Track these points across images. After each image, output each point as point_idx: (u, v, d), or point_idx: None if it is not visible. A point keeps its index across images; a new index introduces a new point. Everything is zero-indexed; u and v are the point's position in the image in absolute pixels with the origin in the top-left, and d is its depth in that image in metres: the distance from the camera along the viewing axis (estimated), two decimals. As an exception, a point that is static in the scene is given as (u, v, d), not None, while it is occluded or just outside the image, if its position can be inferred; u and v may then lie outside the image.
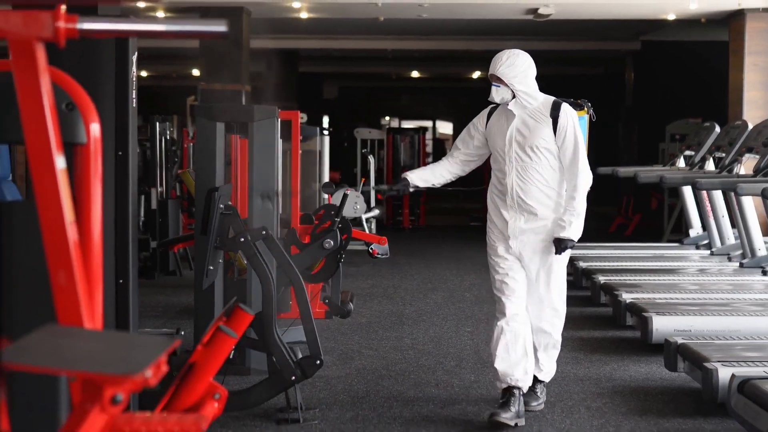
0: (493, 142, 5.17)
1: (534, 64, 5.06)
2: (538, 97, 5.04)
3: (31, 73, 2.18)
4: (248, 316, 3.60)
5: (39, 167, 2.23)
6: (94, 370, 1.88)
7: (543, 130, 4.99)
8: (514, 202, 5.08)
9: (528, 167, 5.04)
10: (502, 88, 4.99)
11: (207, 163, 5.76)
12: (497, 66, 4.98)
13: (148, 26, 2.35)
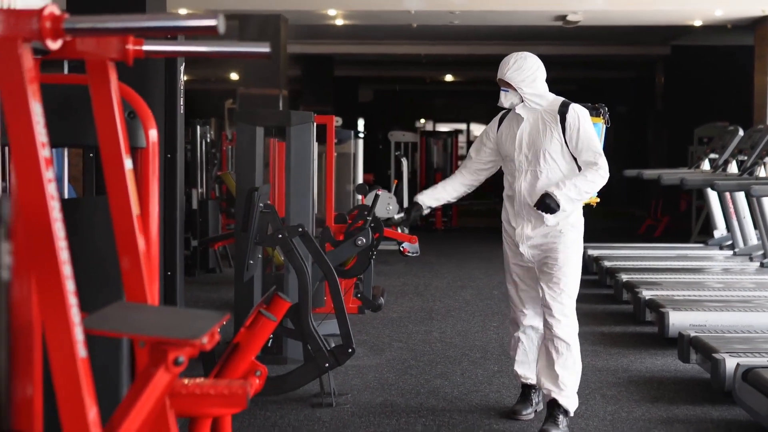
0: (503, 147, 5.06)
1: (543, 66, 4.94)
2: (548, 98, 4.93)
3: (105, 88, 2.58)
4: (286, 303, 3.99)
5: (111, 168, 2.62)
6: (161, 335, 2.27)
7: (553, 132, 4.86)
8: (522, 209, 4.96)
9: (537, 172, 4.90)
10: (511, 92, 4.90)
11: (247, 164, 6.16)
12: (504, 70, 4.89)
13: (201, 48, 2.75)
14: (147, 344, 2.33)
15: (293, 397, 5.58)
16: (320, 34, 15.24)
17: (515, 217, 5.01)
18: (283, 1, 11.72)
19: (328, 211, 8.27)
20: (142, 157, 3.18)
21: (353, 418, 5.26)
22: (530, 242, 4.98)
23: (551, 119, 4.87)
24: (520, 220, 4.99)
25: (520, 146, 4.94)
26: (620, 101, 22.23)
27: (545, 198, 4.76)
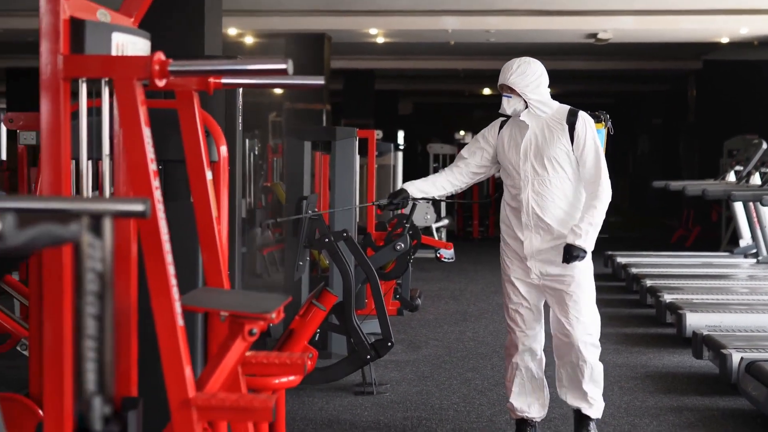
0: (505, 156, 4.83)
1: (546, 73, 4.75)
2: (552, 105, 4.75)
3: (190, 113, 3.19)
4: (333, 297, 4.59)
5: (195, 178, 3.23)
6: (239, 310, 2.88)
7: (560, 140, 4.68)
8: (530, 220, 4.75)
9: (545, 181, 4.71)
10: (514, 98, 4.70)
11: (296, 176, 6.78)
12: (507, 75, 4.69)
13: (267, 80, 3.36)
14: (227, 318, 2.94)
15: (338, 386, 6.17)
16: (362, 51, 15.88)
17: (522, 229, 4.78)
18: (327, 21, 12.37)
19: (369, 219, 8.86)
20: (215, 169, 3.80)
21: (391, 404, 5.84)
22: (540, 256, 4.76)
23: (558, 127, 4.70)
24: (528, 233, 4.76)
25: (525, 155, 4.74)
26: (654, 114, 22.67)
27: (571, 251, 4.59)
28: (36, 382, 3.88)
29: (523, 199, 4.75)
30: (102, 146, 2.89)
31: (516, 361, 4.89)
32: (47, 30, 2.65)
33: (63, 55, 2.65)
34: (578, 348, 4.74)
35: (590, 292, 4.80)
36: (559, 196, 4.72)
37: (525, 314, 4.85)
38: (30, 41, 14.58)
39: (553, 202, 4.72)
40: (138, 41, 2.94)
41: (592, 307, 4.79)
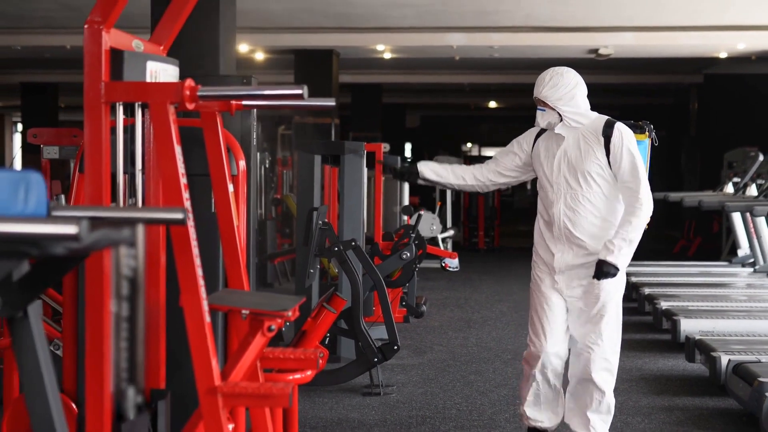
0: (539, 167, 4.71)
1: (582, 82, 4.59)
2: (590, 116, 4.58)
3: (214, 132, 3.54)
4: (342, 300, 4.93)
5: (218, 190, 3.58)
6: (259, 308, 3.22)
7: (595, 153, 4.52)
8: (562, 234, 4.61)
9: (578, 196, 4.57)
10: (548, 111, 4.56)
11: (307, 187, 7.12)
12: (540, 88, 4.57)
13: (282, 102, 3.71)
14: (248, 316, 3.28)
15: (347, 387, 6.50)
16: (369, 66, 16.25)
17: (554, 242, 4.65)
18: (335, 38, 12.74)
19: (376, 230, 9.20)
20: (234, 182, 4.14)
21: (397, 404, 6.16)
22: (570, 272, 4.62)
23: (594, 139, 4.53)
24: (561, 246, 4.63)
25: (559, 167, 4.61)
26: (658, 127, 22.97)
27: (603, 267, 4.44)
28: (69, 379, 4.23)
29: (554, 212, 4.62)
30: (135, 162, 3.25)
31: (534, 372, 4.75)
32: (90, 60, 2.99)
33: (105, 82, 2.99)
34: (592, 373, 4.60)
35: (615, 316, 4.62)
36: (592, 212, 4.56)
37: (547, 326, 4.68)
38: (46, 57, 15.01)
39: (585, 218, 4.56)
40: (168, 68, 3.30)
41: (614, 333, 4.62)
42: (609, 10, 10.96)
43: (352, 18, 11.61)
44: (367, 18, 11.57)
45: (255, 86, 2.99)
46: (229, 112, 3.57)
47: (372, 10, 10.94)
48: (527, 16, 11.46)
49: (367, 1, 10.42)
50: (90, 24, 2.99)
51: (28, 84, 19.33)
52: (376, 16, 11.41)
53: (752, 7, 10.78)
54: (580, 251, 4.58)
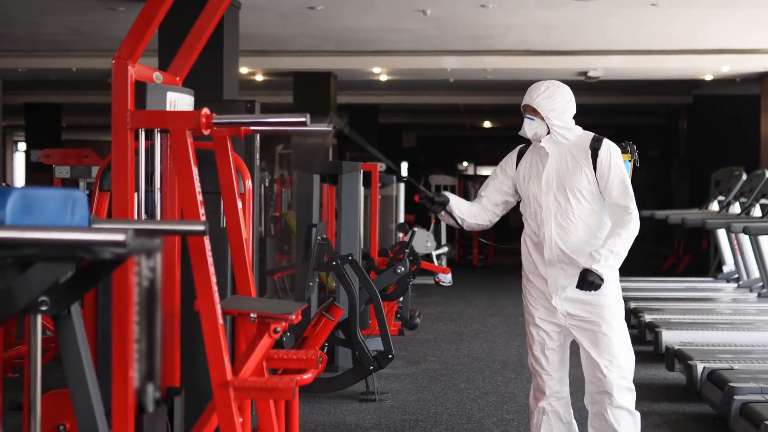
0: (525, 187, 4.55)
1: (574, 99, 4.51)
2: (576, 131, 4.49)
3: (225, 154, 3.94)
4: (340, 310, 5.31)
5: (229, 206, 3.97)
6: (266, 312, 3.60)
7: (583, 169, 4.42)
8: (554, 255, 4.45)
9: (568, 214, 4.43)
10: (537, 121, 4.43)
11: (306, 205, 7.51)
12: (534, 96, 4.43)
13: (286, 128, 4.10)
14: (256, 319, 3.67)
15: (344, 394, 6.88)
16: (366, 87, 16.70)
17: (545, 266, 4.48)
18: (333, 61, 13.18)
19: (372, 246, 9.59)
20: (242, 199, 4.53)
21: (392, 410, 6.54)
22: (566, 294, 4.45)
23: (581, 155, 4.44)
24: (552, 269, 4.47)
25: (548, 185, 4.47)
26: (650, 146, 23.45)
27: (587, 276, 4.28)
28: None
29: (545, 233, 4.46)
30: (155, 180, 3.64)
31: (542, 405, 4.59)
32: (118, 91, 3.39)
33: (131, 111, 3.38)
34: (613, 393, 4.44)
35: (623, 331, 4.51)
36: (584, 229, 4.44)
37: (551, 356, 4.54)
38: (52, 79, 15.42)
39: (576, 235, 4.43)
40: (185, 97, 3.70)
41: (626, 348, 4.51)
42: (596, 35, 11.39)
43: (349, 42, 12.04)
44: (364, 42, 11.99)
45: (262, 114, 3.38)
46: (238, 137, 3.97)
47: (369, 34, 11.36)
48: (519, 41, 11.89)
49: (364, 26, 10.83)
50: (117, 59, 3.39)
51: (31, 104, 19.74)
52: (373, 40, 11.84)
53: (734, 32, 11.20)
54: (572, 270, 4.41)
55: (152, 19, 3.43)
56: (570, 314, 4.44)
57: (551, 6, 9.51)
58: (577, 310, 4.44)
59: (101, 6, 9.46)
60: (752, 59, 12.58)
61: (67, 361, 2.72)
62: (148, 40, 3.44)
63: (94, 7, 9.55)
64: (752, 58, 12.56)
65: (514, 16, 10.10)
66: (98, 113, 22.95)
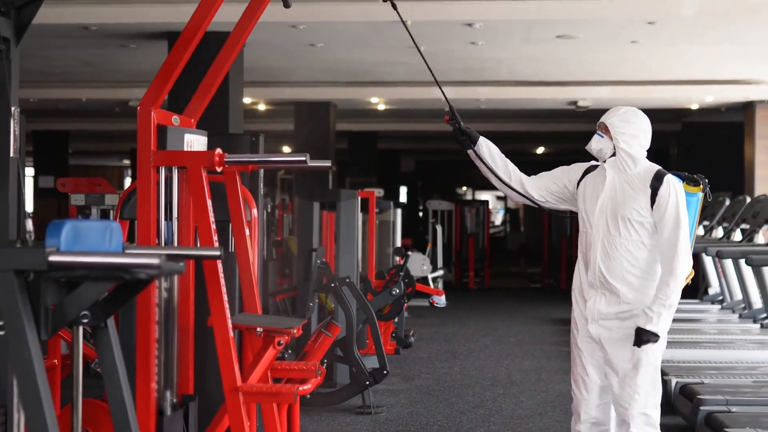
0: (583, 205, 4.53)
1: (650, 133, 4.49)
2: (642, 163, 4.42)
3: (234, 187, 4.44)
4: (338, 327, 5.80)
5: (237, 233, 4.47)
6: (271, 326, 4.10)
7: (639, 201, 4.33)
8: (596, 279, 4.41)
9: (615, 241, 4.36)
10: (605, 139, 4.42)
11: (307, 230, 8.02)
12: (610, 115, 4.47)
13: (289, 165, 4.61)
14: (262, 333, 4.16)
15: (342, 407, 7.36)
16: (364, 115, 17.25)
17: (588, 287, 4.46)
18: (332, 91, 13.73)
19: (370, 269, 10.09)
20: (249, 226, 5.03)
21: (386, 421, 7.02)
22: (603, 323, 4.39)
23: (640, 186, 4.36)
24: (593, 293, 4.43)
25: (602, 208, 4.43)
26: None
27: (642, 336, 4.24)
28: (110, 390, 5.09)
29: (591, 256, 4.45)
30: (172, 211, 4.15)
31: (578, 429, 4.51)
32: (142, 134, 3.90)
33: (153, 151, 3.90)
34: (633, 425, 4.38)
35: (652, 370, 4.41)
36: (630, 260, 4.35)
37: (588, 381, 4.46)
38: (60, 108, 15.96)
39: (620, 264, 4.35)
40: (200, 138, 4.21)
41: (651, 382, 4.42)
42: (581, 68, 11.93)
43: (347, 74, 12.58)
44: (361, 74, 12.54)
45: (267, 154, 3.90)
46: (246, 172, 4.48)
47: (366, 67, 11.90)
48: (510, 73, 12.43)
49: (361, 60, 11.36)
50: (142, 107, 3.90)
51: (39, 131, 20.29)
52: (370, 72, 12.38)
53: (715, 65, 11.74)
54: (613, 299, 4.36)
55: (172, 70, 3.95)
56: (602, 339, 4.37)
57: (536, 42, 10.04)
58: (611, 339, 4.35)
59: (114, 43, 10.01)
60: (734, 89, 13.12)
61: (105, 366, 3.21)
62: (169, 89, 3.96)
63: (107, 44, 10.09)
64: (734, 89, 13.10)
65: (503, 51, 10.63)
66: (104, 139, 23.54)
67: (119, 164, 32.05)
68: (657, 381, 4.44)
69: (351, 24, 8.97)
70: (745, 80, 12.84)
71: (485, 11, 8.28)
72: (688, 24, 8.95)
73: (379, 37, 9.81)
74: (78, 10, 8.41)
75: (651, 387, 4.41)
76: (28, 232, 2.98)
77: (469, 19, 8.63)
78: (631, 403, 4.36)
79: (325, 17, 8.46)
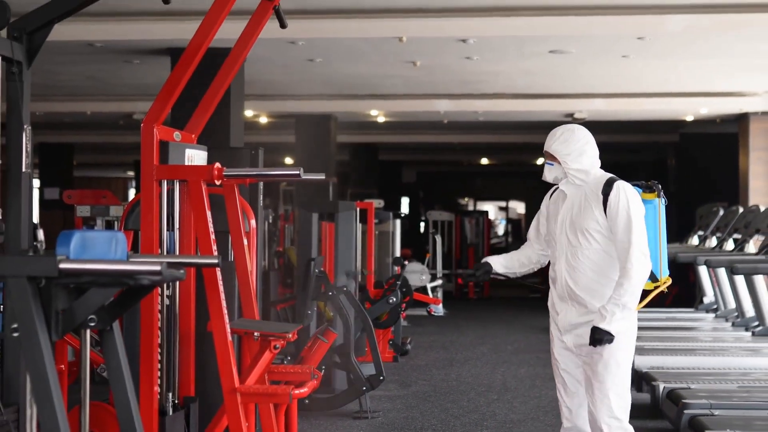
0: (548, 226, 4.74)
1: (593, 141, 4.62)
2: (595, 174, 4.57)
3: (233, 198, 4.68)
4: (334, 333, 6.03)
5: (236, 243, 4.70)
6: (268, 331, 4.32)
7: (593, 211, 4.48)
8: (564, 292, 4.56)
9: (577, 252, 4.51)
10: (556, 165, 4.59)
11: (306, 241, 8.25)
12: (551, 143, 4.60)
13: (287, 179, 4.85)
14: (259, 337, 4.39)
15: (339, 412, 7.58)
16: (365, 127, 17.51)
17: (559, 301, 4.62)
18: (333, 104, 13.99)
19: (368, 278, 10.32)
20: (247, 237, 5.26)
21: (382, 426, 7.24)
22: (575, 330, 4.53)
23: (593, 197, 4.52)
24: (563, 305, 4.59)
25: (562, 225, 4.60)
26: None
27: (596, 334, 4.35)
28: (115, 394, 5.33)
29: (557, 270, 4.61)
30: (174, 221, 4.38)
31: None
32: (145, 149, 4.14)
33: (156, 166, 4.13)
34: (602, 429, 4.49)
35: (620, 372, 4.50)
36: (592, 268, 4.49)
37: (570, 385, 4.63)
38: (66, 121, 16.22)
39: (584, 274, 4.51)
40: (201, 153, 4.45)
41: (620, 389, 4.51)
42: (575, 80, 12.16)
43: (347, 87, 12.83)
44: (360, 87, 12.78)
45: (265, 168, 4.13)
46: (244, 184, 4.71)
47: (364, 80, 12.15)
48: (506, 86, 12.67)
49: (360, 73, 11.61)
50: (146, 123, 4.14)
51: (45, 144, 20.56)
52: (369, 85, 12.63)
53: (706, 78, 11.97)
54: (581, 309, 4.51)
55: (174, 88, 4.19)
56: (577, 347, 4.52)
57: (529, 57, 10.28)
58: (583, 346, 4.49)
59: (118, 59, 10.27)
60: (728, 102, 13.35)
61: (110, 366, 3.44)
62: (171, 106, 4.20)
63: (112, 60, 10.35)
64: (728, 101, 13.33)
65: (499, 65, 10.88)
66: (108, 152, 23.82)
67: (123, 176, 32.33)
68: (626, 385, 4.53)
69: (348, 40, 9.21)
70: (738, 92, 13.08)
71: (478, 28, 8.52)
72: (676, 39, 9.19)
73: (376, 52, 10.04)
74: (84, 28, 8.66)
75: (621, 390, 4.50)
76: (39, 241, 3.20)
77: (463, 35, 8.87)
78: (601, 407, 4.47)
79: (323, 33, 8.71)
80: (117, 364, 3.41)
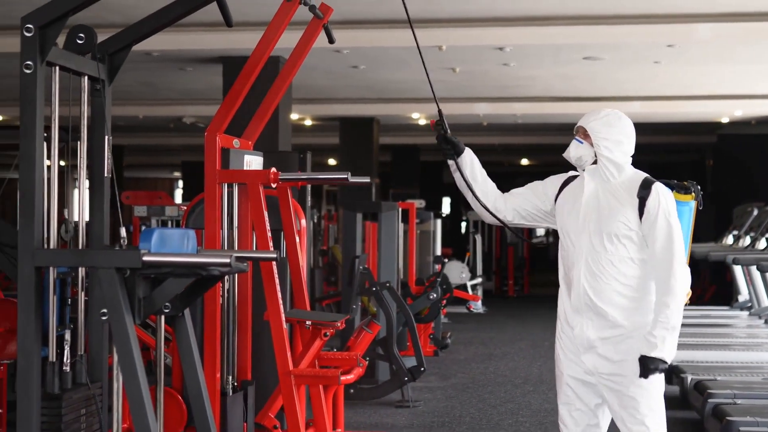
0: (562, 222, 4.09)
1: (634, 137, 4.02)
2: (626, 171, 4.00)
3: (286, 200, 5.13)
4: (377, 325, 6.47)
5: (289, 241, 5.15)
6: (319, 320, 4.77)
7: (625, 213, 3.91)
8: (581, 303, 3.97)
9: (601, 259, 3.93)
10: (585, 145, 3.99)
11: (350, 239, 8.71)
12: (590, 119, 4.01)
13: (333, 182, 5.30)
14: (311, 326, 4.84)
15: (383, 401, 8.03)
16: (407, 129, 17.95)
17: (573, 313, 4.01)
18: (376, 107, 14.44)
19: (410, 276, 10.75)
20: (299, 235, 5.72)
21: (423, 414, 7.67)
22: (596, 350, 3.96)
23: (626, 197, 3.94)
24: (579, 319, 3.99)
25: (585, 224, 3.99)
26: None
27: (647, 364, 3.81)
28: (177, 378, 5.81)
29: (574, 276, 4.01)
30: (234, 221, 4.85)
31: None
32: (209, 156, 4.60)
33: (218, 170, 4.60)
34: None
35: (655, 394, 3.99)
36: (618, 278, 3.94)
37: (578, 418, 4.08)
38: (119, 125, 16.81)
39: (609, 284, 3.94)
40: (258, 158, 4.91)
41: (656, 414, 4.01)
42: (611, 84, 12.51)
43: (389, 91, 13.27)
44: (401, 91, 13.22)
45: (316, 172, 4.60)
46: (296, 187, 5.16)
47: (406, 85, 12.58)
48: (544, 89, 13.05)
49: (402, 78, 12.04)
50: (209, 132, 4.60)
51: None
52: (410, 90, 13.05)
53: (739, 81, 12.26)
54: (600, 322, 3.95)
55: (235, 100, 4.64)
56: (598, 372, 3.96)
57: (565, 63, 10.66)
58: (604, 368, 3.95)
59: (173, 66, 10.78)
60: (762, 104, 13.63)
61: (182, 350, 3.90)
62: (231, 116, 4.66)
63: (167, 67, 10.86)
64: (762, 103, 13.61)
65: (535, 70, 11.26)
66: (155, 153, 24.44)
67: (169, 176, 33.01)
68: (661, 406, 4.06)
69: (390, 49, 9.65)
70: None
71: (514, 36, 8.93)
72: (706, 46, 9.52)
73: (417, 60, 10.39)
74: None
75: (657, 418, 4.03)
76: (123, 238, 3.66)
77: (500, 43, 9.27)
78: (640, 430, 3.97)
79: (366, 43, 9.15)
80: (188, 347, 3.86)
